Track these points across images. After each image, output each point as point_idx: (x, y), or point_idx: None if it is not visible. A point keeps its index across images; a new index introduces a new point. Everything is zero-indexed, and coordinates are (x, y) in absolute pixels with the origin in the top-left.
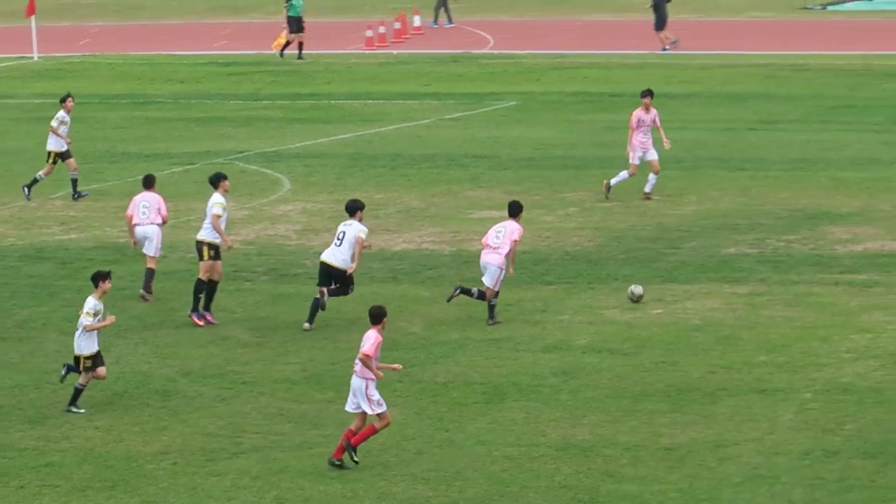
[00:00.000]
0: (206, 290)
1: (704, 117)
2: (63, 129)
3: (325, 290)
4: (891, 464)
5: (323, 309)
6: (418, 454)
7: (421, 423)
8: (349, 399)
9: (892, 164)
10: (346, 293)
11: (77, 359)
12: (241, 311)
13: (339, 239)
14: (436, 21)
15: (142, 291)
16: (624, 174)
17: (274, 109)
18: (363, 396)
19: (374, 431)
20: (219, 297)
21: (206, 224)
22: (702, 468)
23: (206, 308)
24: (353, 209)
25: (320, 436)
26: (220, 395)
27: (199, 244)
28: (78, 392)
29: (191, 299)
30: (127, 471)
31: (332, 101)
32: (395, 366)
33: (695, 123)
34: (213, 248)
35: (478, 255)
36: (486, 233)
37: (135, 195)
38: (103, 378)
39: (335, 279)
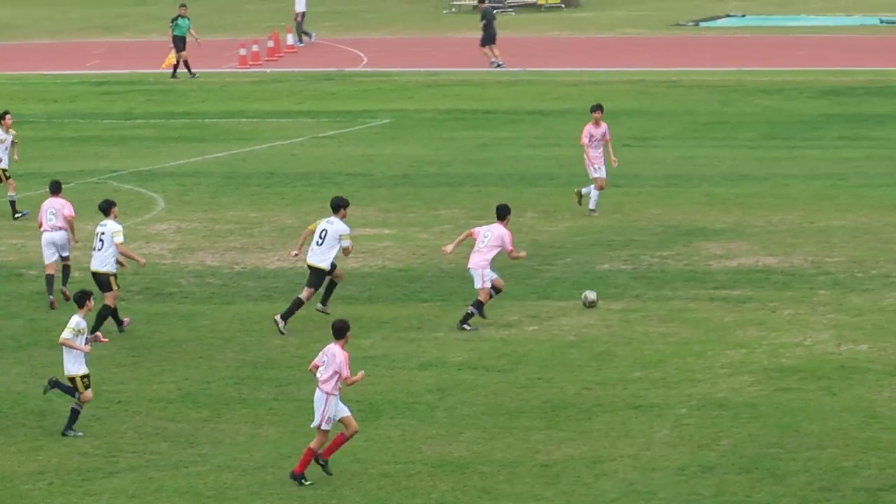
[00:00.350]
0: (110, 314)
1: (578, 134)
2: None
3: (306, 292)
4: (765, 479)
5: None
6: None
7: (298, 442)
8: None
9: (764, 179)
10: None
11: (72, 380)
12: (116, 330)
13: (320, 238)
14: (301, 40)
15: (63, 288)
16: (592, 191)
17: (147, 128)
18: (320, 406)
19: (312, 452)
20: (92, 318)
21: (106, 254)
22: (578, 484)
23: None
24: (338, 206)
25: (196, 455)
26: (95, 414)
27: (105, 276)
28: (76, 414)
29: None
30: (2, 491)
31: (206, 120)
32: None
33: (568, 140)
34: (115, 276)
35: (352, 273)
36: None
37: (42, 202)
38: (89, 401)
39: (320, 279)
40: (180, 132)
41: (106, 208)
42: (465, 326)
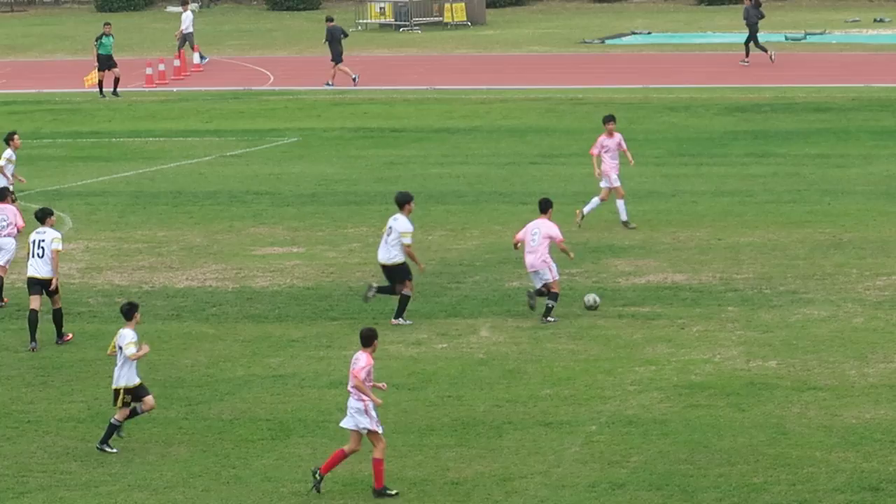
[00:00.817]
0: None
1: (486, 152)
2: (10, 168)
3: (372, 284)
4: (676, 496)
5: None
6: (205, 491)
7: (207, 461)
8: (347, 417)
9: (672, 196)
10: (392, 292)
11: (116, 392)
12: (25, 349)
13: (387, 234)
14: (203, 58)
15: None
16: (595, 200)
17: (55, 148)
18: (363, 414)
19: (381, 463)
20: (2, 336)
21: (46, 260)
22: (489, 502)
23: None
24: (403, 202)
25: (107, 474)
26: (4, 434)
27: (46, 282)
28: (113, 429)
29: None
30: None
31: (113, 139)
32: (380, 384)
33: (476, 158)
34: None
35: (261, 292)
36: (517, 231)
37: None
38: (153, 407)
39: (389, 275)
40: (88, 151)
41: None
42: (549, 319)
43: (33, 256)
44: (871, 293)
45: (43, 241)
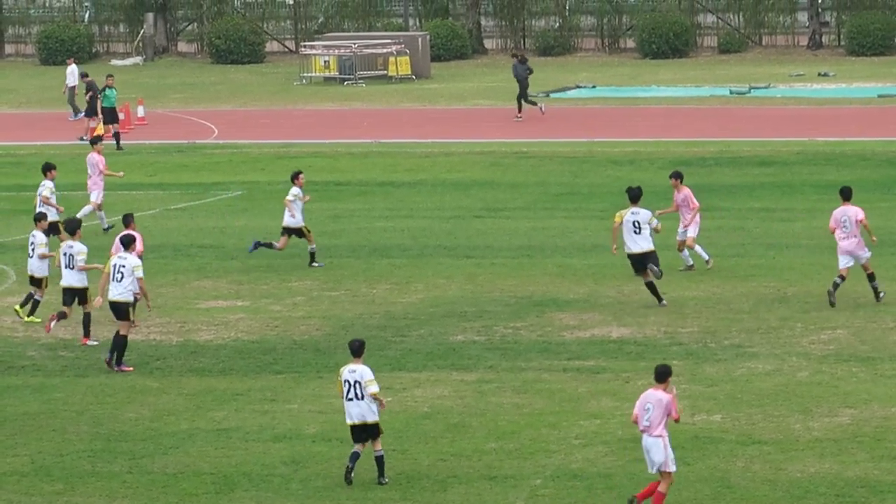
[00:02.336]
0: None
1: (430, 205)
2: (54, 199)
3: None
4: None
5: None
6: None
7: None
8: (649, 462)
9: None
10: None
11: None
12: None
13: (637, 229)
14: (76, 115)
15: None
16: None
17: None
18: (661, 454)
19: (663, 498)
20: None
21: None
22: None
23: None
24: (636, 197)
25: None
26: None
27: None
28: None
29: None
30: None
31: (57, 193)
32: None
33: (420, 211)
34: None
35: (205, 345)
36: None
37: None
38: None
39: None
40: (30, 204)
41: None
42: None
43: (113, 280)
44: (815, 347)
45: (124, 266)
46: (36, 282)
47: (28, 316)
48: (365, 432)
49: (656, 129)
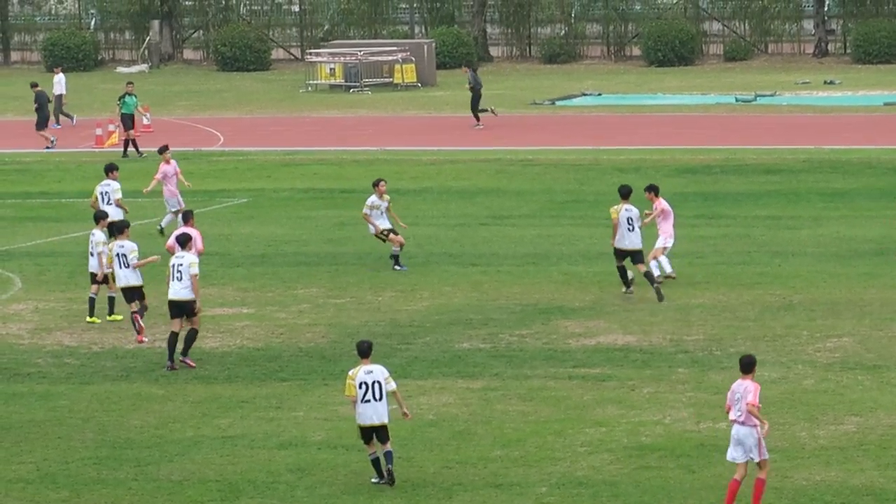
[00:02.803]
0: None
1: (436, 213)
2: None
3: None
4: None
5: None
6: None
7: None
8: (732, 449)
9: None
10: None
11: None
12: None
13: (630, 225)
14: (58, 122)
15: None
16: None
17: (4, 208)
18: (755, 444)
19: (764, 484)
20: None
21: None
22: None
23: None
24: (627, 194)
25: None
26: None
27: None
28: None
29: None
30: None
31: (63, 200)
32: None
33: (426, 219)
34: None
35: (210, 353)
36: None
37: None
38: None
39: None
40: (37, 212)
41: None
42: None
43: (173, 279)
44: (821, 355)
45: (181, 264)
46: (96, 280)
47: (90, 317)
48: (377, 434)
49: (662, 137)
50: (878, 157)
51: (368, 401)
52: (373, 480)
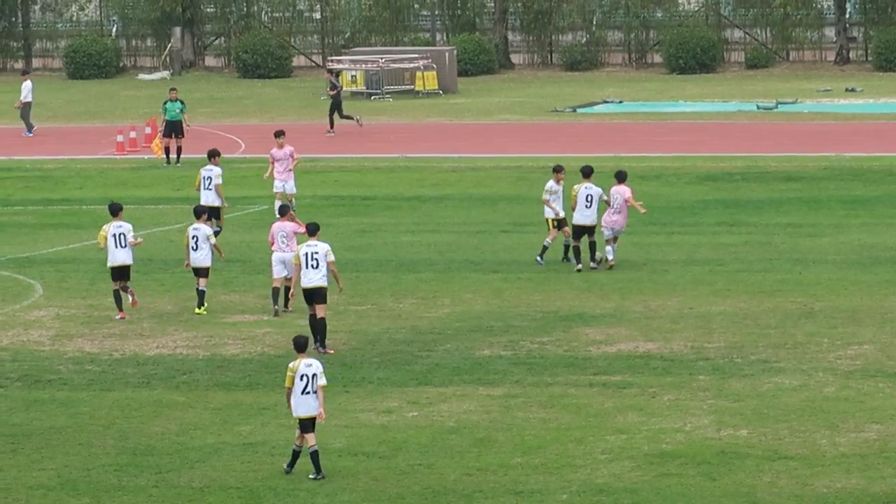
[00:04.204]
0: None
1: (457, 220)
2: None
3: None
4: None
5: None
6: None
7: None
8: None
9: (643, 265)
10: None
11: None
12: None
13: (588, 202)
14: (29, 131)
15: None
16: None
17: (25, 215)
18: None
19: None
20: None
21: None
22: None
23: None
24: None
25: None
26: None
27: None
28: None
29: None
30: None
31: (84, 207)
32: None
33: (447, 226)
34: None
35: (232, 359)
36: None
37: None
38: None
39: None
40: (58, 219)
41: (115, 211)
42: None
43: (306, 267)
44: (842, 362)
45: (317, 252)
46: (203, 272)
47: (199, 308)
48: (312, 425)
49: (683, 145)
50: None
51: (308, 393)
52: (284, 467)
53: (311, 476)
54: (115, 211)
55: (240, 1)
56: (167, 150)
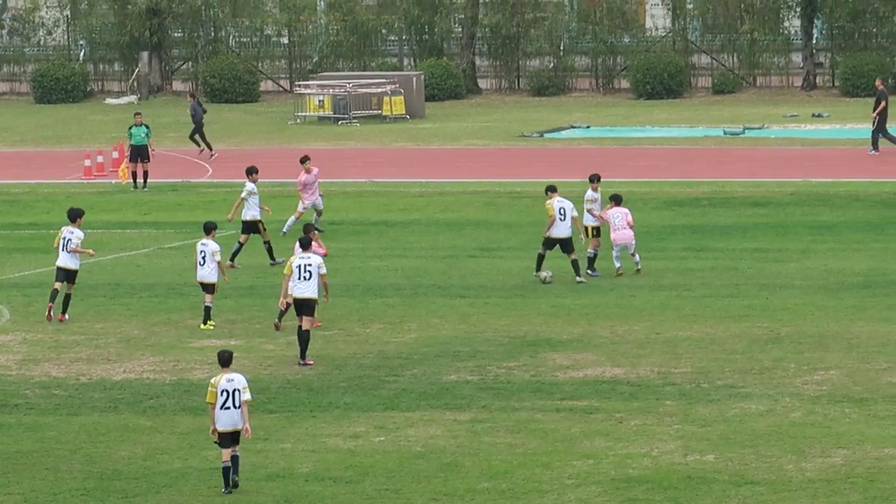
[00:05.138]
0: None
1: (424, 244)
2: (253, 200)
3: None
4: None
5: None
6: None
7: None
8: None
9: (610, 290)
10: None
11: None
12: None
13: (562, 214)
14: None
15: None
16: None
17: None
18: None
19: None
20: None
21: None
22: None
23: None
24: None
25: None
26: None
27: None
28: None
29: None
30: None
31: (51, 231)
32: None
33: (414, 251)
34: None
35: (199, 384)
36: None
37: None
38: None
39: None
40: (26, 243)
41: (73, 218)
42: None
43: (299, 279)
44: (809, 387)
45: (309, 264)
46: (209, 288)
47: (205, 324)
48: (233, 439)
49: (650, 170)
50: (866, 189)
51: (228, 408)
52: (222, 491)
53: (223, 490)
54: (72, 217)
55: (207, 26)
56: (134, 175)
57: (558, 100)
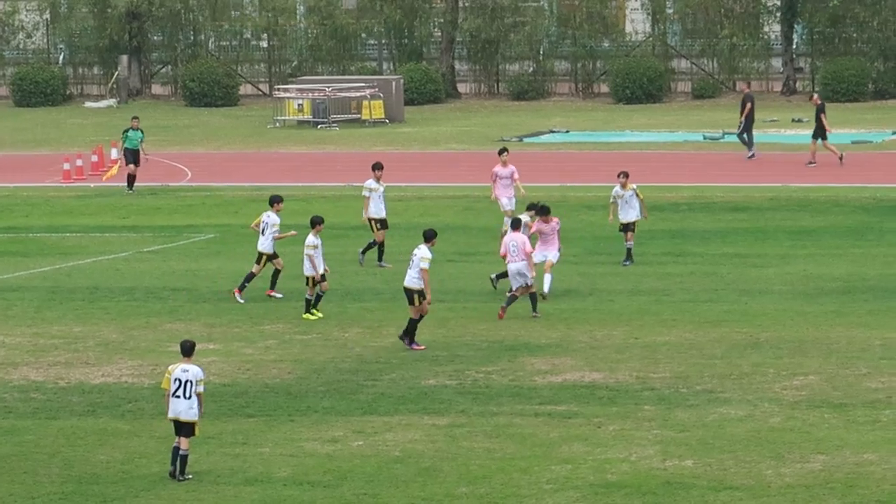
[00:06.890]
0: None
1: (403, 249)
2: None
3: None
4: None
5: None
6: None
7: None
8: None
9: (589, 295)
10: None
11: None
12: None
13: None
14: None
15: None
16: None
17: None
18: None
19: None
20: None
21: (416, 274)
22: None
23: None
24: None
25: None
26: None
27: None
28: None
29: None
30: None
31: (30, 235)
32: None
33: (393, 255)
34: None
35: None
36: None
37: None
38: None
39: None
40: (4, 247)
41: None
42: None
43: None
44: (787, 393)
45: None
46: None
47: (307, 313)
48: (182, 429)
49: (630, 175)
50: (846, 195)
51: (178, 396)
52: (169, 469)
53: (178, 477)
54: (272, 202)
55: (187, 29)
56: (129, 178)
57: (538, 104)
